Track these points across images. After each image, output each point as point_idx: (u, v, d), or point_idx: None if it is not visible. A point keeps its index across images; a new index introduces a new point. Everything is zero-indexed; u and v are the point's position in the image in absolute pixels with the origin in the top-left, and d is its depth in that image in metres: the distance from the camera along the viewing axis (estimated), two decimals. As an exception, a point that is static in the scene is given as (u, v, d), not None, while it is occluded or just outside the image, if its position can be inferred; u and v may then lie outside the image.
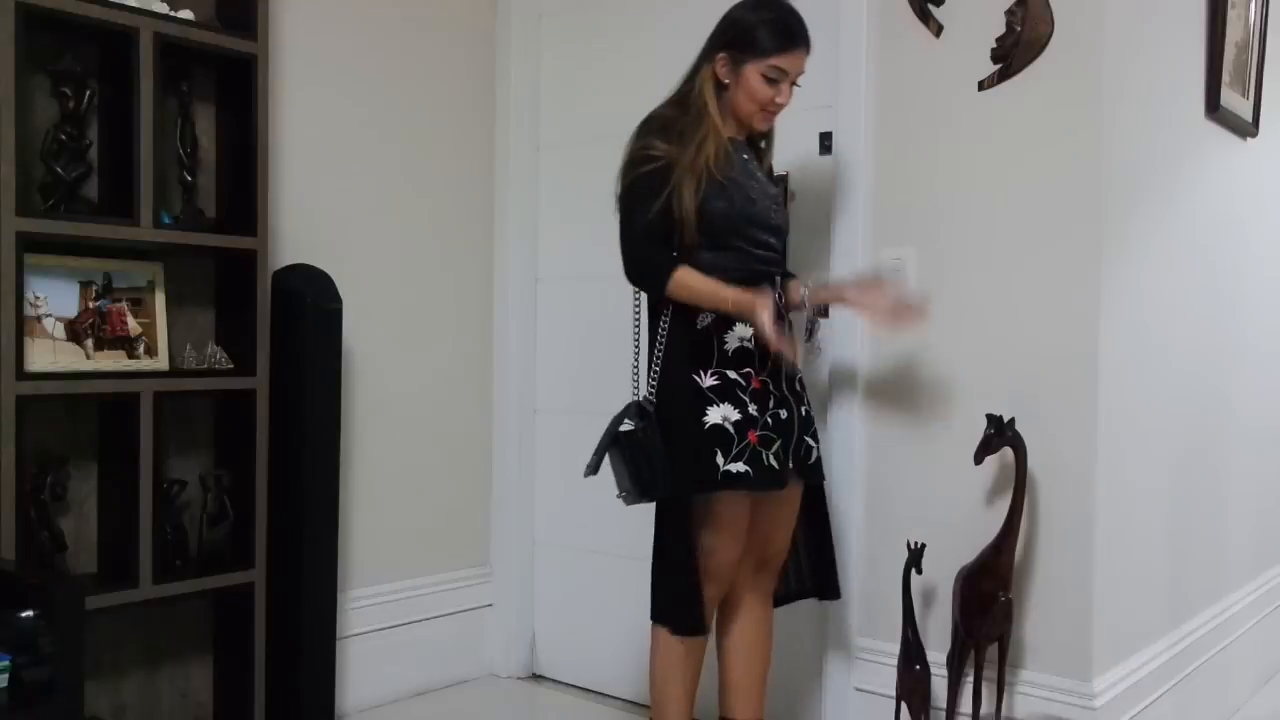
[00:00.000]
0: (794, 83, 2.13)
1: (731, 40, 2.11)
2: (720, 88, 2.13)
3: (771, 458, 2.07)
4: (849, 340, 2.52)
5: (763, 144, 2.27)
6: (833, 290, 2.28)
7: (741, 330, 2.09)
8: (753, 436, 2.06)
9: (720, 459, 2.04)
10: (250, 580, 2.46)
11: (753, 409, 2.08)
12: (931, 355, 2.42)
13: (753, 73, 2.09)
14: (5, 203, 2.09)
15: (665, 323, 2.12)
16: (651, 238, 2.09)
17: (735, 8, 2.15)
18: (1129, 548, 2.40)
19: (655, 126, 2.13)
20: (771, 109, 2.14)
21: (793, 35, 2.09)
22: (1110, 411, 2.26)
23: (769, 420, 2.10)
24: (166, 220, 2.35)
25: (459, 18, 3.16)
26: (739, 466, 2.04)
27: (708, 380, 2.08)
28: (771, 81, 2.09)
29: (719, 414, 2.06)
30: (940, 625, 2.37)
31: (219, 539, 2.48)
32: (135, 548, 2.27)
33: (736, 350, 2.10)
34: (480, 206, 3.24)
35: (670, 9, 2.93)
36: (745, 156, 2.18)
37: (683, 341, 2.10)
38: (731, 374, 2.09)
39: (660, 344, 2.13)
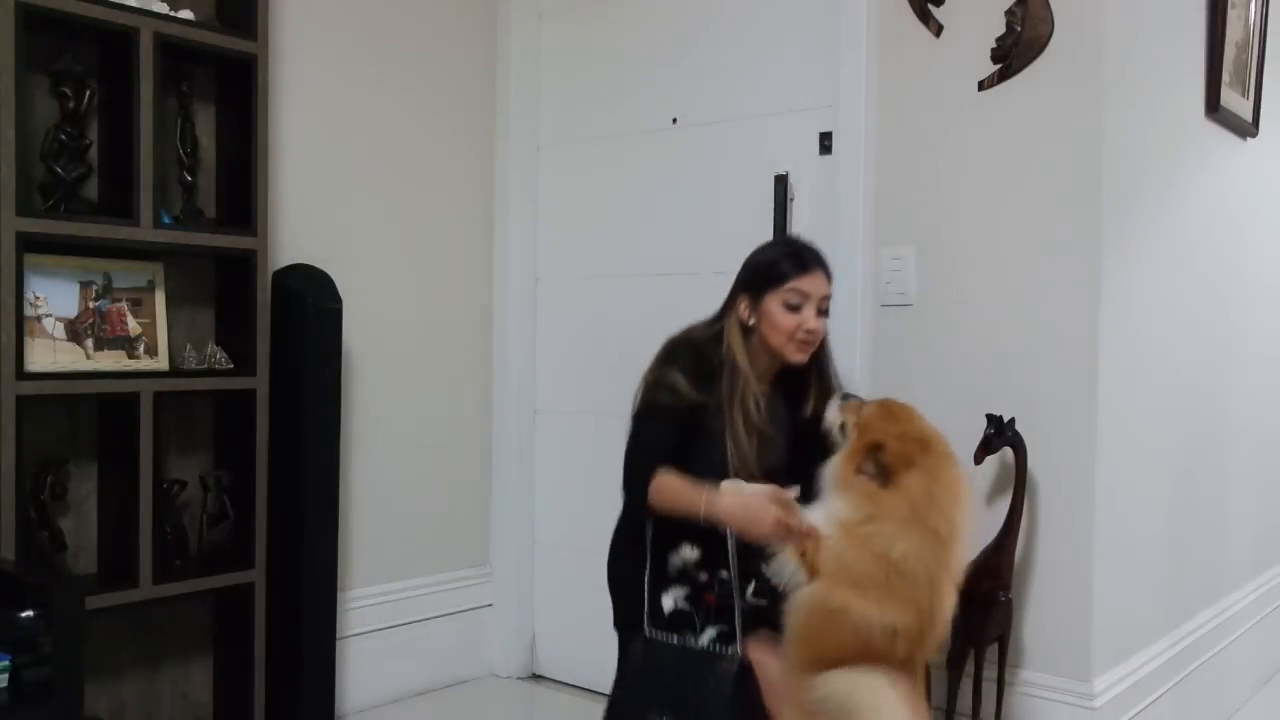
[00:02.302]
0: (822, 310, 2.06)
1: (748, 280, 2.08)
2: (746, 332, 2.07)
3: None
4: (848, 340, 2.52)
5: (809, 382, 2.14)
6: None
7: (687, 553, 2.08)
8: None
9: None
10: (250, 580, 2.47)
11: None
12: (932, 355, 2.42)
13: (773, 302, 2.04)
14: (5, 203, 2.09)
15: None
16: (655, 455, 2.04)
17: (751, 254, 2.13)
18: (1129, 548, 2.40)
19: (682, 362, 2.07)
20: (802, 336, 2.05)
21: (804, 261, 2.05)
22: (1110, 411, 2.26)
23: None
24: (166, 220, 2.35)
25: (459, 18, 3.15)
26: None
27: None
28: (793, 309, 2.03)
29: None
30: (940, 625, 2.37)
31: (219, 539, 2.48)
32: (135, 548, 2.27)
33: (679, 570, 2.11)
34: (480, 206, 3.24)
35: (670, 9, 2.93)
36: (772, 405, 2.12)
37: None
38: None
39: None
